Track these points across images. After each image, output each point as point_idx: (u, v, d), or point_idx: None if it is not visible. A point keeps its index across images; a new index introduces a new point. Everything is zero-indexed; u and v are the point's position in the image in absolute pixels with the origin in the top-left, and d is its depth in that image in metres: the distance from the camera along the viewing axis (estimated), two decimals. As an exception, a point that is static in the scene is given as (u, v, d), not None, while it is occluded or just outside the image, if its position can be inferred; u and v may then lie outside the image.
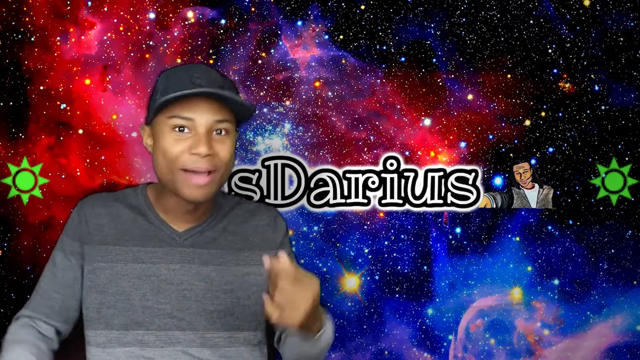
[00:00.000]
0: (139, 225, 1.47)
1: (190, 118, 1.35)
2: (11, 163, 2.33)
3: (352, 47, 2.47)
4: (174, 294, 1.43)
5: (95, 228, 1.46)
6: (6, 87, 2.33)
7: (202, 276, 1.46)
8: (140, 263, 1.44)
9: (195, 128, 1.36)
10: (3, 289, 2.34)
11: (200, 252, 1.47)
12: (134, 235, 1.46)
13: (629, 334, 2.57)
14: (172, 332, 1.44)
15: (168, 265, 1.45)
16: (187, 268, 1.45)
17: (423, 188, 2.47)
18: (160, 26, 2.39)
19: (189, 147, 1.35)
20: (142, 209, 1.49)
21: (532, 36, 2.50)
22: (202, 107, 1.36)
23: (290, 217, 2.45)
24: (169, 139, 1.36)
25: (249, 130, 2.43)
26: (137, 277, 1.43)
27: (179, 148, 1.35)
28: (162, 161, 1.38)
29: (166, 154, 1.36)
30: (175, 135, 1.36)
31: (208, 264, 1.47)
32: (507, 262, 2.54)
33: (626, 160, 2.53)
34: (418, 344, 2.54)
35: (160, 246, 1.46)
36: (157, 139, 1.39)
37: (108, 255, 1.44)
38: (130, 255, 1.45)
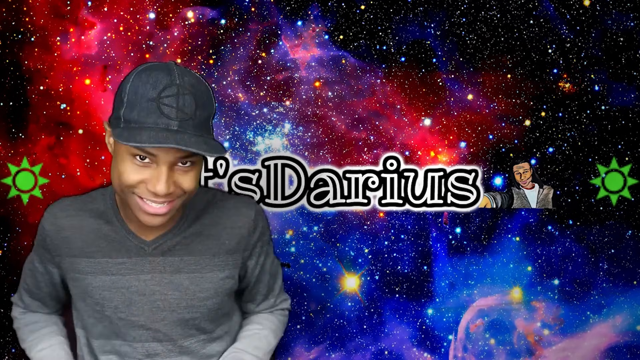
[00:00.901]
0: (105, 235, 1.40)
1: (154, 154, 1.24)
2: (11, 163, 2.33)
3: (352, 47, 2.47)
4: (146, 306, 1.39)
5: (60, 241, 1.41)
6: (6, 87, 2.33)
7: (175, 285, 1.40)
8: (109, 275, 1.39)
9: (157, 162, 1.24)
10: (3, 289, 2.34)
11: (172, 260, 1.40)
12: (100, 247, 1.40)
13: (629, 334, 2.57)
14: (149, 343, 1.41)
15: (138, 276, 1.39)
16: (159, 278, 1.39)
17: (423, 188, 2.47)
18: (160, 26, 2.39)
19: (147, 180, 1.25)
20: (108, 216, 1.41)
21: (532, 36, 2.50)
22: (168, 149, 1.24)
23: (290, 217, 2.45)
24: (127, 165, 1.25)
25: (249, 130, 2.43)
26: (108, 290, 1.39)
27: (136, 178, 1.25)
28: (116, 180, 1.28)
29: (122, 178, 1.26)
30: (136, 162, 1.25)
31: (181, 272, 1.40)
32: (507, 262, 2.54)
33: (626, 160, 2.53)
34: (418, 344, 2.54)
35: (129, 257, 1.39)
36: (116, 154, 1.29)
37: (77, 267, 1.40)
38: (99, 267, 1.39)
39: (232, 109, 2.42)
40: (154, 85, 1.22)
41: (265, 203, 2.41)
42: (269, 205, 2.41)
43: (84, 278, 1.40)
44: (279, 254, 2.45)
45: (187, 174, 1.27)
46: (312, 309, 2.48)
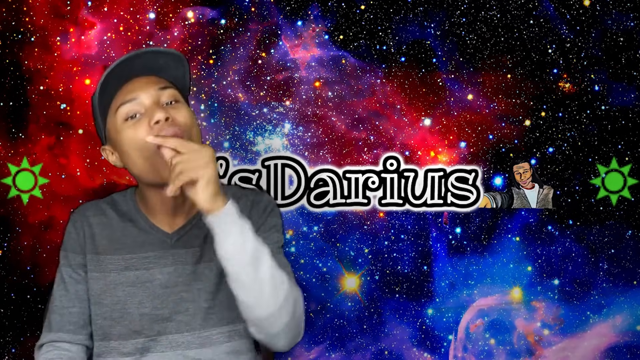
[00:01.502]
0: (129, 232, 1.44)
1: (134, 97, 1.33)
2: (11, 163, 2.33)
3: (352, 47, 2.47)
4: (170, 297, 1.41)
5: (88, 237, 1.44)
6: (6, 87, 2.33)
7: (197, 275, 1.43)
8: (133, 270, 1.42)
9: (142, 105, 1.33)
10: (3, 289, 2.34)
11: (193, 251, 1.44)
12: (125, 244, 1.43)
13: (629, 334, 2.57)
14: (172, 335, 1.42)
15: (161, 269, 1.42)
16: (181, 270, 1.43)
17: (423, 188, 2.47)
18: (160, 26, 2.39)
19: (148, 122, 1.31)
20: (131, 214, 1.46)
21: (532, 36, 2.50)
22: (140, 83, 1.35)
23: (290, 217, 2.45)
24: (127, 131, 1.32)
25: (249, 130, 2.43)
26: (132, 285, 1.41)
27: (142, 131, 1.31)
28: (134, 156, 1.34)
29: (134, 144, 1.32)
30: (130, 124, 1.32)
31: (200, 262, 1.44)
32: (507, 262, 2.54)
33: (626, 160, 2.53)
34: (418, 344, 2.54)
35: (153, 250, 1.43)
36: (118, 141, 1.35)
37: (100, 265, 1.42)
38: (123, 263, 1.42)
39: (232, 109, 2.42)
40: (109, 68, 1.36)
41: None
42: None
43: (106, 276, 1.42)
44: (279, 254, 2.45)
45: (177, 109, 1.35)
46: (312, 309, 2.48)
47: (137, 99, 1.33)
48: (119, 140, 1.35)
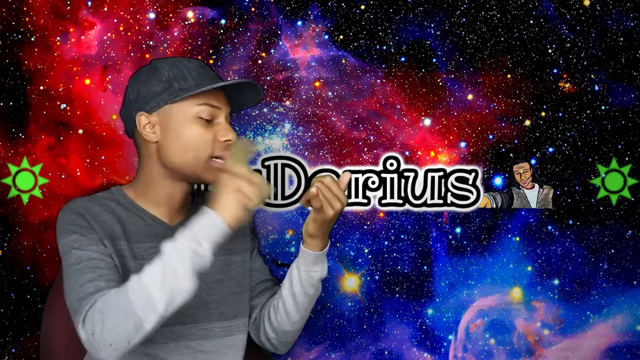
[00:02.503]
0: (134, 222, 1.46)
1: (219, 107, 1.43)
2: (11, 163, 2.33)
3: (352, 47, 2.47)
4: None
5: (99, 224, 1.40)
6: (6, 87, 2.33)
7: None
8: (140, 260, 1.42)
9: (219, 117, 1.43)
10: (3, 289, 2.34)
11: None
12: (132, 232, 1.45)
13: (629, 334, 2.57)
14: (175, 327, 1.44)
15: None
16: None
17: (423, 188, 2.47)
18: (160, 26, 2.39)
19: (218, 135, 1.41)
20: (129, 208, 1.47)
21: (532, 36, 2.50)
22: (223, 98, 1.45)
23: (290, 217, 2.45)
24: (197, 127, 1.40)
25: (249, 130, 2.43)
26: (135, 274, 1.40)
27: (210, 136, 1.40)
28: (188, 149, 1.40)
29: (197, 142, 1.40)
30: (202, 124, 1.40)
31: None
32: (507, 262, 2.54)
33: (626, 160, 2.53)
34: (418, 344, 2.54)
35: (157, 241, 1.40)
36: (177, 127, 1.40)
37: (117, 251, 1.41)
38: (132, 252, 1.43)
39: (232, 109, 2.42)
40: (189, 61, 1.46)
41: (265, 203, 2.41)
42: (269, 205, 2.41)
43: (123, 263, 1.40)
44: (279, 254, 2.46)
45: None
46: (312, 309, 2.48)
47: (220, 110, 1.44)
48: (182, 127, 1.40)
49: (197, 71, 1.42)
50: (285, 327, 1.57)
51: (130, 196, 1.49)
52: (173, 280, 1.19)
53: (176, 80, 1.40)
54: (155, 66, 1.44)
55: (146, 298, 1.17)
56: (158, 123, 1.42)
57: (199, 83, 1.40)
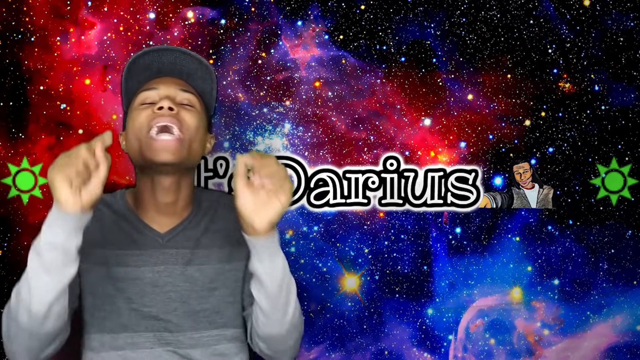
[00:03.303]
0: (122, 229, 1.46)
1: (154, 87, 1.43)
2: (11, 163, 2.33)
3: (352, 47, 2.47)
4: (159, 297, 1.42)
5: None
6: (6, 87, 2.33)
7: (186, 277, 1.45)
8: (124, 266, 1.42)
9: (158, 95, 1.43)
10: (3, 289, 2.34)
11: (184, 253, 1.46)
12: (117, 240, 1.44)
13: (629, 334, 2.57)
14: (161, 333, 1.43)
15: (152, 268, 1.43)
16: (171, 269, 1.44)
17: (423, 188, 2.47)
18: (160, 26, 2.39)
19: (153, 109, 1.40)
20: (123, 212, 1.48)
21: (532, 36, 2.50)
22: (166, 80, 1.45)
23: (290, 217, 2.45)
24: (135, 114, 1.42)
25: (249, 130, 2.43)
26: (122, 281, 1.42)
27: (145, 114, 1.40)
28: (133, 136, 1.41)
29: (136, 126, 1.40)
30: (141, 107, 1.42)
31: (191, 264, 1.46)
32: (507, 262, 2.54)
33: (626, 160, 2.53)
34: (418, 344, 2.54)
35: (144, 249, 1.44)
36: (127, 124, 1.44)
37: (92, 257, 1.42)
38: (114, 259, 1.43)
39: (232, 109, 2.42)
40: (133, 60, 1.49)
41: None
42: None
43: (98, 269, 1.43)
44: (279, 254, 2.45)
45: (188, 111, 1.42)
46: (312, 309, 2.48)
47: (156, 89, 1.43)
48: (128, 122, 1.44)
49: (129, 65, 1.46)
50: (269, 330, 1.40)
51: (130, 201, 1.51)
52: (32, 279, 1.24)
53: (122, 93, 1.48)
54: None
55: (16, 294, 1.28)
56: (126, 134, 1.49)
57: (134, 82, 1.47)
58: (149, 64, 1.46)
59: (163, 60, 1.46)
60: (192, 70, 1.48)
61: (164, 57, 1.46)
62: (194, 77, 1.49)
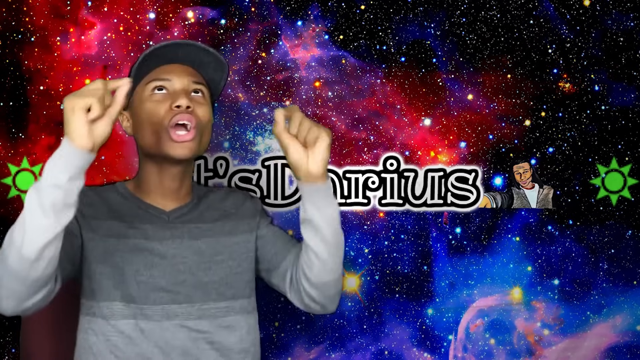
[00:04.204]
0: (129, 207, 1.50)
1: (168, 79, 1.44)
2: (11, 163, 2.33)
3: (352, 47, 2.47)
4: (167, 268, 1.44)
5: (86, 204, 1.45)
6: (6, 87, 2.33)
7: (194, 249, 1.48)
8: (132, 238, 1.45)
9: (172, 87, 1.44)
10: (3, 289, 2.34)
11: (190, 228, 1.50)
12: (124, 214, 1.48)
13: (629, 334, 2.57)
14: (169, 306, 1.43)
15: (160, 241, 1.46)
16: (179, 242, 1.47)
17: (423, 188, 2.47)
18: (160, 26, 2.39)
19: (170, 104, 1.41)
20: (126, 196, 1.52)
21: (532, 36, 2.50)
22: (178, 69, 1.46)
23: (290, 217, 2.45)
24: (150, 103, 1.43)
25: (249, 130, 2.43)
26: (130, 252, 1.43)
27: (162, 107, 1.41)
28: (146, 124, 1.43)
29: (151, 116, 1.42)
30: (155, 97, 1.43)
31: (198, 238, 1.49)
32: (507, 262, 2.54)
33: (626, 160, 2.53)
34: (418, 344, 2.54)
35: (151, 223, 1.48)
36: (137, 108, 1.45)
37: (100, 229, 1.45)
38: (123, 231, 1.45)
39: (232, 109, 2.42)
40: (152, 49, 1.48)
41: (265, 203, 2.41)
42: (269, 205, 2.41)
43: (105, 240, 1.44)
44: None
45: (201, 103, 1.45)
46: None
47: (170, 80, 1.44)
48: (140, 109, 1.45)
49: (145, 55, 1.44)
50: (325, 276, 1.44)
51: (130, 188, 1.54)
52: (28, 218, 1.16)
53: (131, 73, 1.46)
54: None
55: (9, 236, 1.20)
56: (131, 116, 1.50)
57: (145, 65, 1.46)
58: (162, 54, 1.47)
59: (177, 52, 1.48)
60: (205, 61, 1.51)
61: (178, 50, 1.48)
62: (205, 67, 1.52)
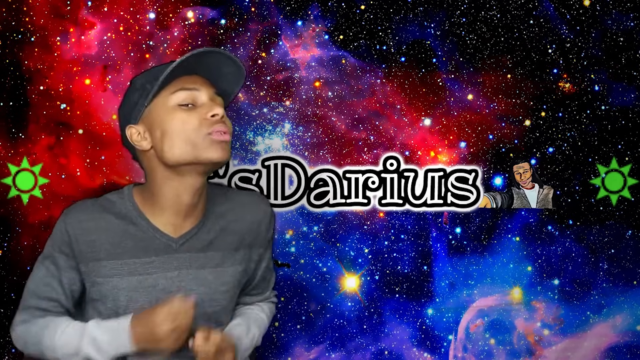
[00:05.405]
0: (132, 235, 1.41)
1: (195, 88, 1.37)
2: (11, 163, 2.33)
3: (352, 47, 2.47)
4: None
5: (86, 245, 1.39)
6: (6, 87, 2.33)
7: (200, 280, 1.43)
8: (136, 275, 1.40)
9: (199, 98, 1.37)
10: (3, 289, 2.34)
11: (197, 257, 1.43)
12: (127, 248, 1.40)
13: (629, 334, 2.57)
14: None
15: (165, 274, 1.41)
16: (185, 274, 1.42)
17: (423, 188, 2.47)
18: (160, 26, 2.39)
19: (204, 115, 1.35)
20: (132, 217, 1.42)
21: (532, 36, 2.50)
22: (200, 80, 1.39)
23: (290, 217, 2.45)
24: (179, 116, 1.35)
25: (249, 130, 2.43)
26: (134, 290, 1.40)
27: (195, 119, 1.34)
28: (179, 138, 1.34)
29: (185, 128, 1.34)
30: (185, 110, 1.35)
31: (205, 267, 1.44)
32: (507, 262, 2.54)
33: (626, 160, 2.53)
34: (418, 344, 2.54)
35: (157, 255, 1.41)
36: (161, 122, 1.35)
37: (102, 270, 1.40)
38: (126, 268, 1.40)
39: (232, 109, 2.42)
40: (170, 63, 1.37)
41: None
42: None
43: (108, 281, 1.40)
44: (279, 254, 2.45)
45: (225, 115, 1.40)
46: (312, 309, 2.48)
47: (198, 90, 1.37)
48: (168, 119, 1.35)
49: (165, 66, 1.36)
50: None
51: (138, 201, 1.44)
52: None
53: (148, 82, 1.36)
54: (133, 81, 1.43)
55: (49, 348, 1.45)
56: (145, 129, 1.38)
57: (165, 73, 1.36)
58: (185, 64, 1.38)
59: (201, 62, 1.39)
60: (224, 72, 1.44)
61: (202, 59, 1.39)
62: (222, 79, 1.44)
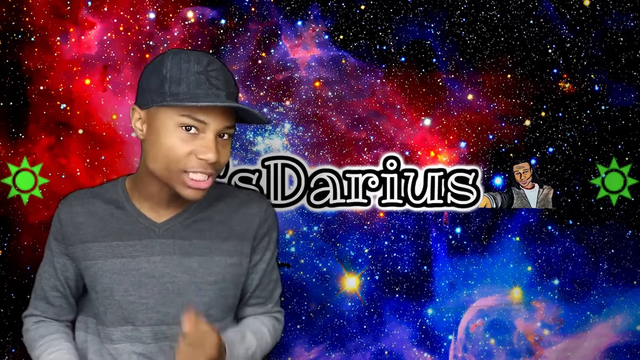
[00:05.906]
0: (116, 218, 1.43)
1: (205, 122, 1.30)
2: (11, 163, 2.33)
3: (352, 47, 2.47)
4: (156, 288, 1.41)
5: (74, 228, 1.44)
6: (6, 87, 2.33)
7: (185, 267, 1.42)
8: (120, 257, 1.41)
9: (205, 131, 1.31)
10: (3, 289, 2.34)
11: (182, 243, 1.43)
12: (111, 230, 1.42)
13: (629, 334, 2.57)
14: (158, 327, 1.42)
15: (148, 258, 1.41)
16: (168, 260, 1.41)
17: (423, 188, 2.47)
18: (160, 26, 2.39)
19: (196, 151, 1.30)
20: (119, 202, 1.45)
21: (532, 36, 2.50)
22: (216, 111, 1.31)
23: (290, 217, 2.45)
24: (175, 138, 1.30)
25: (249, 130, 2.43)
26: (118, 273, 1.41)
27: (185, 149, 1.30)
28: (161, 157, 1.31)
29: (170, 153, 1.30)
30: (182, 135, 1.30)
31: (191, 255, 1.43)
32: (507, 262, 2.54)
33: (626, 160, 2.53)
34: (418, 344, 2.54)
35: (139, 239, 1.42)
36: (158, 132, 1.31)
37: (89, 252, 1.43)
38: (110, 250, 1.42)
39: (232, 109, 2.42)
40: (197, 61, 1.31)
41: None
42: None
43: (94, 263, 1.43)
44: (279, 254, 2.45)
45: (225, 148, 1.35)
46: (312, 309, 2.48)
47: (207, 125, 1.30)
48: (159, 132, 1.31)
49: (196, 76, 1.30)
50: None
51: (128, 187, 1.47)
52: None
53: (170, 81, 1.30)
54: (162, 60, 1.34)
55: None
56: (146, 121, 1.35)
57: (190, 91, 1.29)
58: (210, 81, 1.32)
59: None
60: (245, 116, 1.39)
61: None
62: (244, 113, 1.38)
